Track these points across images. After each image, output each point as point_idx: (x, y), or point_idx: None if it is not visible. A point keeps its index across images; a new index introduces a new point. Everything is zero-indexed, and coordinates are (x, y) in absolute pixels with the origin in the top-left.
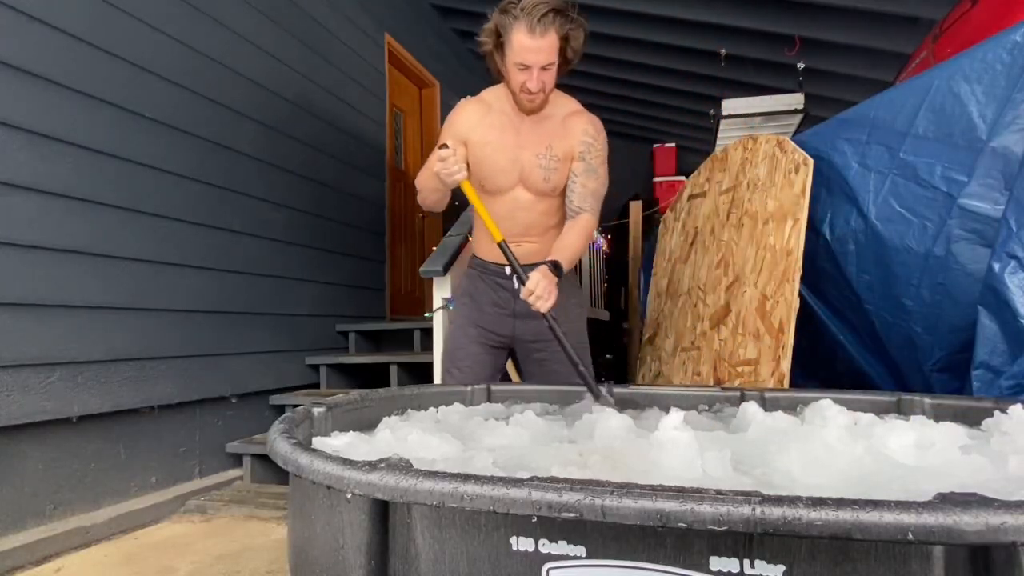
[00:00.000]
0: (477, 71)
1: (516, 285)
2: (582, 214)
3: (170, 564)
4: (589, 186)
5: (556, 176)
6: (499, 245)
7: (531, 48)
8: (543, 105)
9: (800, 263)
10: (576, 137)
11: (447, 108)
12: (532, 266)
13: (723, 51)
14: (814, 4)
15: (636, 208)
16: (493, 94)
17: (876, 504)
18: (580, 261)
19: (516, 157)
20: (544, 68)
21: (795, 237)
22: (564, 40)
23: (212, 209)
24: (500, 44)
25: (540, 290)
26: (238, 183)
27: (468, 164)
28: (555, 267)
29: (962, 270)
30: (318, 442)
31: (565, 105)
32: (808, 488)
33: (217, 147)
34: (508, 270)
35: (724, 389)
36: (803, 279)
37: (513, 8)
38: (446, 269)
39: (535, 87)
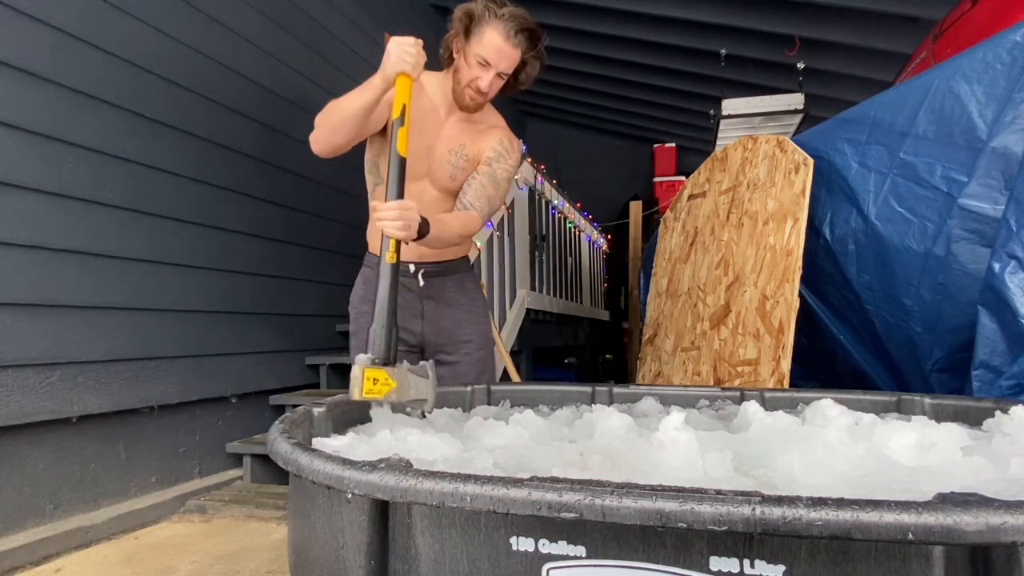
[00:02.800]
0: None
1: (420, 280)
2: (471, 211)
3: (170, 564)
4: (488, 190)
5: (463, 176)
6: (394, 122)
7: (501, 50)
8: (479, 109)
9: (800, 263)
10: (490, 144)
11: None
12: (423, 265)
13: (723, 51)
14: (814, 4)
15: (636, 208)
16: (427, 77)
17: (876, 504)
18: (565, 263)
19: (431, 147)
20: (499, 75)
21: (795, 237)
22: (522, 64)
23: (212, 209)
24: (468, 31)
25: (403, 211)
26: (238, 183)
27: (375, 141)
28: (424, 223)
29: (962, 270)
30: (318, 442)
31: (493, 118)
32: (809, 488)
33: (217, 147)
34: (412, 267)
35: (724, 389)
36: (803, 279)
37: (497, 8)
38: None
39: (486, 87)
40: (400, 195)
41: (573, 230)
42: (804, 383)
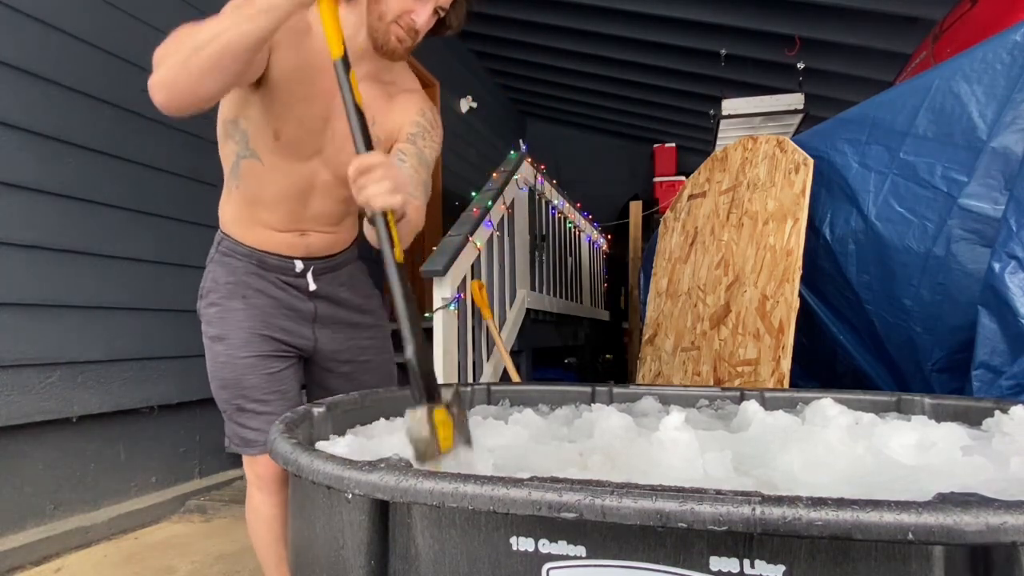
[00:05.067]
0: (478, 72)
1: (310, 281)
2: (414, 200)
3: (170, 564)
4: (421, 174)
5: None
6: (338, 64)
7: None
8: (405, 56)
9: (800, 263)
10: (409, 115)
11: (447, 108)
12: (312, 262)
13: (723, 51)
14: (814, 4)
15: (636, 208)
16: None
17: (876, 504)
18: (565, 263)
19: (328, 117)
20: (436, 11)
21: (795, 237)
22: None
23: (212, 209)
24: None
25: (388, 168)
26: None
27: (240, 94)
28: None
29: (962, 270)
30: (320, 444)
31: (407, 79)
32: (809, 488)
33: (216, 147)
34: (299, 265)
35: (724, 389)
36: (803, 279)
37: None
38: (446, 269)
39: (423, 24)
40: (370, 150)
41: (573, 230)
42: (804, 383)
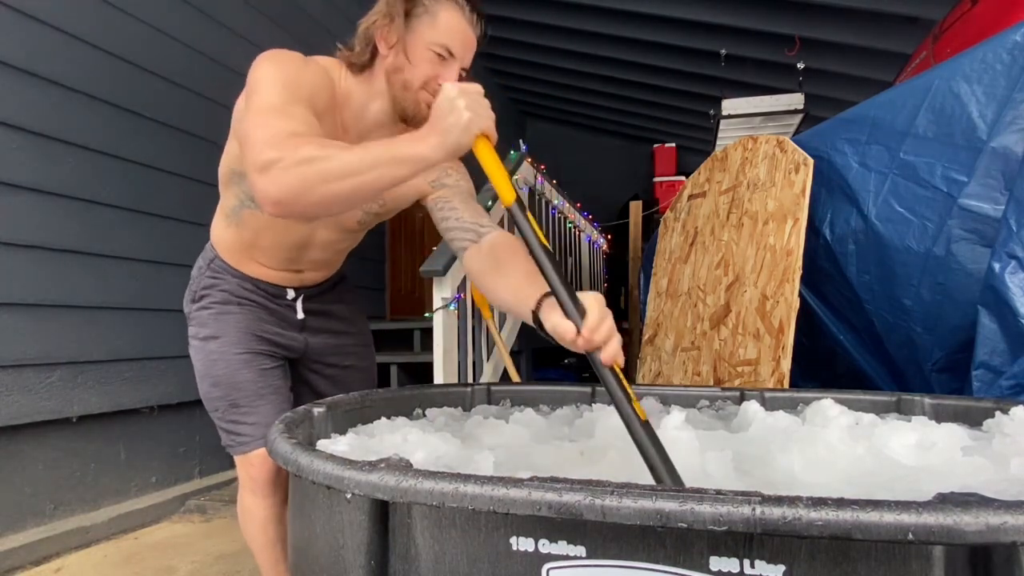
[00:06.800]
0: (478, 72)
1: (299, 309)
2: (493, 232)
3: (170, 564)
4: (474, 206)
5: (371, 219)
6: (514, 208)
7: (467, 36)
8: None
9: (800, 263)
10: None
11: None
12: (303, 290)
13: (723, 51)
14: (814, 4)
15: (636, 208)
16: (340, 73)
17: (876, 504)
18: (565, 263)
19: None
20: (460, 72)
21: (795, 237)
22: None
23: (212, 209)
24: (410, 14)
25: (609, 327)
26: None
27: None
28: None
29: (962, 270)
30: (321, 443)
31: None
32: (809, 488)
33: (217, 147)
34: (291, 293)
35: (724, 389)
36: (803, 279)
37: None
38: (446, 269)
39: None
40: (578, 304)
41: (573, 230)
42: (804, 383)
